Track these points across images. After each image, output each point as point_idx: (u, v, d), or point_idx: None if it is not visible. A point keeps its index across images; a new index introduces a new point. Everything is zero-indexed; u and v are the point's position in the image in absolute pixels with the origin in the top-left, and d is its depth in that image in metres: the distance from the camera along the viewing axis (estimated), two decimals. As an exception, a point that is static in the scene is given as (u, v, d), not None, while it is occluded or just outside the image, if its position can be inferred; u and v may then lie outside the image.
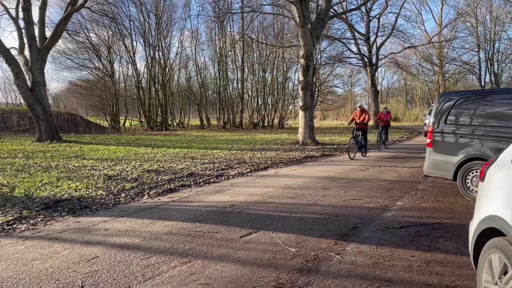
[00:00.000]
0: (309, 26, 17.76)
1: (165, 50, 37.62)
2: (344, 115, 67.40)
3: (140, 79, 37.48)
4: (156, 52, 36.78)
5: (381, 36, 36.62)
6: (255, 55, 40.21)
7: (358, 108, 14.25)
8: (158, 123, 37.26)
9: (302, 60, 18.33)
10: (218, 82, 40.01)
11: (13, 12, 20.76)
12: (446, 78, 45.72)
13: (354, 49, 36.53)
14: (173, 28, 39.04)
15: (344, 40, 35.84)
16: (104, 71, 36.85)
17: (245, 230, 5.26)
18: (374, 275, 3.82)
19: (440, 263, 4.11)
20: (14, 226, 5.68)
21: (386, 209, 6.39)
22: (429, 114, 21.03)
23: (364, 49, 36.40)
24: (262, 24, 38.26)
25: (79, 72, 38.26)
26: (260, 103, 41.10)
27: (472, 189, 7.10)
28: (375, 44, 36.33)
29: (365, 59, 35.94)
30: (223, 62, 39.03)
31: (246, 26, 36.67)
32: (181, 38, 39.68)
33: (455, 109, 7.40)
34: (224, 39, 38.77)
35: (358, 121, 13.86)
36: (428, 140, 7.86)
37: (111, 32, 35.73)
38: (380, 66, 41.75)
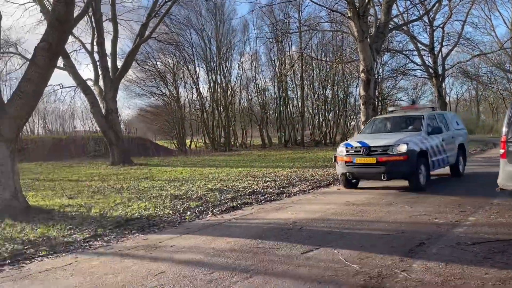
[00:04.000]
0: (368, 40, 17.50)
1: (226, 73, 38.80)
2: (410, 129, 64.63)
3: (203, 102, 38.88)
4: (218, 75, 38.03)
5: (446, 45, 34.95)
6: (314, 72, 40.15)
7: None
8: (221, 144, 38.21)
9: (362, 75, 18.03)
10: (278, 101, 40.37)
11: (88, 47, 22.68)
12: (523, 85, 42.47)
13: (418, 60, 35.18)
14: (233, 51, 40.10)
15: (407, 52, 34.71)
16: (170, 96, 38.73)
17: (306, 247, 5.22)
18: (443, 293, 3.62)
19: (518, 281, 3.80)
20: (90, 243, 6.11)
21: (456, 225, 6.03)
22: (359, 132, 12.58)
23: (429, 60, 34.89)
24: (321, 42, 38.25)
25: (147, 98, 40.48)
26: (321, 120, 40.78)
27: (555, 203, 6.34)
28: (440, 54, 34.79)
29: (430, 70, 34.46)
30: (282, 82, 39.38)
31: (304, 45, 36.88)
32: (241, 60, 40.54)
33: (531, 117, 6.82)
34: (283, 59, 39.22)
35: None
36: (502, 151, 7.34)
37: (175, 59, 37.60)
38: (447, 76, 39.73)
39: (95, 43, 21.82)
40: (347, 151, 9.69)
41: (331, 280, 4.04)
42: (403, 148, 8.92)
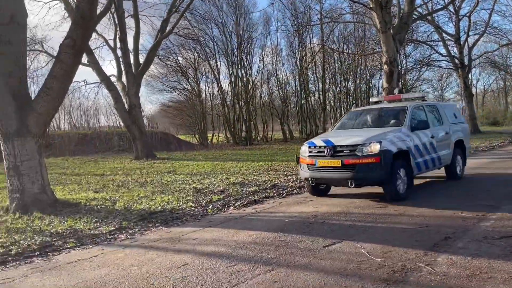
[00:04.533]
0: (391, 31, 17.17)
1: (247, 67, 38.76)
2: (435, 122, 63.23)
3: (224, 97, 38.99)
4: (239, 70, 38.06)
5: (473, 35, 34.02)
6: (336, 65, 39.71)
7: None
8: (242, 138, 38.31)
9: (385, 67, 17.73)
10: (299, 94, 40.15)
11: (111, 43, 23.03)
12: (553, 75, 40.94)
13: (443, 51, 34.37)
14: (254, 45, 39.98)
15: (431, 42, 33.94)
16: (191, 91, 39.03)
17: (329, 240, 5.20)
18: (469, 287, 3.55)
19: (548, 276, 3.69)
20: (115, 235, 6.25)
21: (483, 218, 5.89)
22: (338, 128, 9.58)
23: (454, 51, 34.05)
24: (343, 33, 37.79)
25: (169, 94, 40.96)
26: (343, 113, 40.35)
27: None
28: (466, 44, 33.89)
29: (456, 61, 33.64)
30: (304, 75, 39.12)
31: (325, 37, 36.49)
32: (262, 54, 40.40)
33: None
34: (304, 52, 38.93)
35: None
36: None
37: (196, 54, 37.78)
38: (474, 67, 38.68)
39: (117, 39, 22.11)
40: (309, 152, 8.06)
41: (354, 273, 4.02)
42: (374, 148, 7.24)
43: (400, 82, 26.40)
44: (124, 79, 21.65)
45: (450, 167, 9.52)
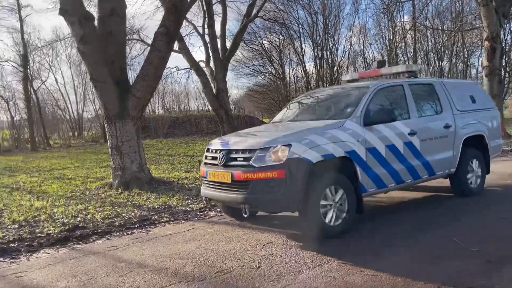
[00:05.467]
0: (493, 3, 15.60)
1: (333, 48, 37.89)
2: (545, 103, 56.57)
3: (309, 79, 38.65)
4: (324, 51, 37.36)
5: None
6: (429, 43, 37.19)
7: None
8: (327, 122, 37.81)
9: (486, 43, 16.21)
10: (388, 76, 38.38)
11: (200, 30, 23.92)
12: None
13: (558, 23, 30.42)
14: (340, 26, 38.85)
15: (543, 13, 30.17)
16: (276, 75, 39.27)
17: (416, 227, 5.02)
18: None
19: None
20: (205, 212, 6.65)
21: None
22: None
23: None
24: (437, 9, 35.13)
25: (254, 78, 41.60)
26: (436, 95, 37.76)
27: None
28: None
29: None
30: (393, 54, 37.24)
31: (418, 14, 34.20)
32: (351, 34, 39.12)
33: None
34: (393, 31, 36.97)
35: None
36: None
37: (281, 37, 37.79)
38: None
39: (205, 26, 22.89)
40: (205, 157, 5.59)
41: (444, 262, 3.85)
42: (282, 154, 4.57)
43: (504, 60, 23.97)
44: (212, 64, 22.44)
45: (456, 178, 6.37)
